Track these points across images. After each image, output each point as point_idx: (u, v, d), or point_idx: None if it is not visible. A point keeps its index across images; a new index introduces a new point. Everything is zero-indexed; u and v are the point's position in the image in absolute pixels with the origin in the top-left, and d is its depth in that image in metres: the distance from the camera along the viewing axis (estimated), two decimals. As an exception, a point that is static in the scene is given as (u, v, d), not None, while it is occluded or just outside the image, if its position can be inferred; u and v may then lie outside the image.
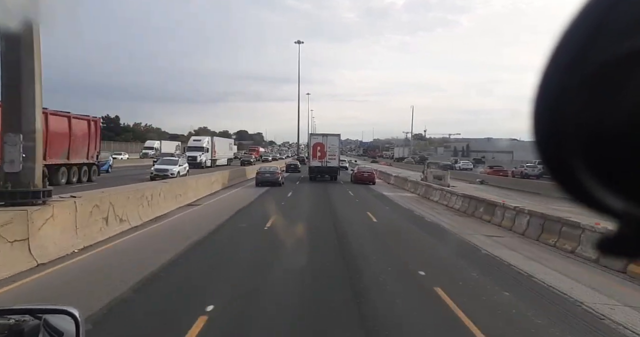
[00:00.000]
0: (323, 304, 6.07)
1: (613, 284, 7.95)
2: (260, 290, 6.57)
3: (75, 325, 1.49)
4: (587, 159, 0.43)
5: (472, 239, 11.74)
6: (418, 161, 79.92)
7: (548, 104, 0.43)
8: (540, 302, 6.69)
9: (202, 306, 5.56)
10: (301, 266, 7.79)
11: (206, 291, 6.42)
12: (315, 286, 7.02)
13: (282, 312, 5.77)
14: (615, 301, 6.84)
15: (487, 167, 51.17)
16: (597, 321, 5.94)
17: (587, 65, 0.40)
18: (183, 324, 5.04)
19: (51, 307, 1.60)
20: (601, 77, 0.40)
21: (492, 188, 32.38)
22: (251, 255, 8.99)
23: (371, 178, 31.76)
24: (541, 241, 11.59)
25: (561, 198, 0.47)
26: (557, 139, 0.44)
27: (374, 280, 7.37)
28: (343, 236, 11.51)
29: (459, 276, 7.89)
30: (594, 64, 0.40)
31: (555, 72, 0.42)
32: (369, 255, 9.31)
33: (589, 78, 0.40)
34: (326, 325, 5.34)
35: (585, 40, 0.41)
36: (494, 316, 5.92)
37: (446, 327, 5.51)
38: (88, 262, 7.93)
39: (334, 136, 33.61)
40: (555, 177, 0.45)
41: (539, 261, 9.46)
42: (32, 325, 1.50)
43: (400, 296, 6.64)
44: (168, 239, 10.23)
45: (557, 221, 11.32)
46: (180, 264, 7.93)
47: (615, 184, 0.42)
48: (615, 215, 0.44)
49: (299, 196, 22.02)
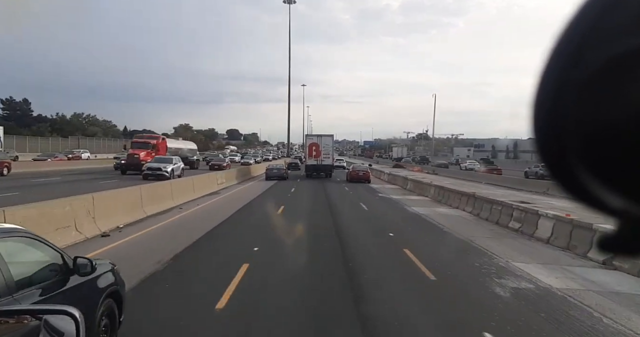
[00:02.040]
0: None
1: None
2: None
3: (75, 325, 1.55)
4: (586, 158, 0.43)
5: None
6: (419, 161, 79.64)
7: (547, 102, 0.44)
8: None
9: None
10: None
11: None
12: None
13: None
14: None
15: (482, 167, 53.85)
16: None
17: (585, 64, 0.41)
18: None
19: (51, 308, 1.68)
20: (599, 76, 0.41)
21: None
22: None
23: (366, 177, 33.93)
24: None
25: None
26: (556, 138, 0.45)
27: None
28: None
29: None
30: (591, 63, 0.41)
31: (554, 71, 0.44)
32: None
33: (587, 77, 0.41)
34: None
35: (583, 39, 0.42)
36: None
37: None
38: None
39: (327, 136, 38.03)
40: (555, 176, 0.46)
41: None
42: (32, 325, 1.55)
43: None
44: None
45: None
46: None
47: (614, 183, 0.43)
48: (615, 213, 0.45)
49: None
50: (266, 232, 11.72)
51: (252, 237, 10.96)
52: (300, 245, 10.15)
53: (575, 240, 10.16)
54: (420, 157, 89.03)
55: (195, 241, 10.26)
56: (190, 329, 5.20)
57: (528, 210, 13.06)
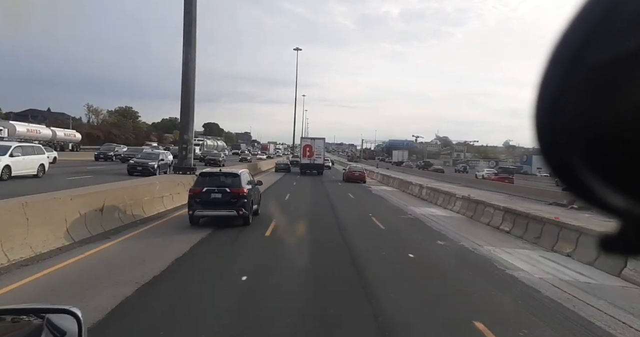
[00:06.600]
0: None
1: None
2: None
3: (77, 324, 1.57)
4: (588, 158, 0.44)
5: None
6: (422, 166, 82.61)
7: (548, 104, 0.45)
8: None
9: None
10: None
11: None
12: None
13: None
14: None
15: (492, 174, 54.48)
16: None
17: (585, 66, 0.42)
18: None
19: (53, 307, 1.67)
20: (600, 78, 0.42)
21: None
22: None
23: (361, 177, 37.21)
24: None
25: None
26: (558, 139, 0.46)
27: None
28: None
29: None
30: (592, 65, 0.42)
31: (555, 73, 0.45)
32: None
33: (588, 79, 0.42)
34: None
35: (583, 42, 0.43)
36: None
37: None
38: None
39: (320, 139, 45.73)
40: (558, 177, 0.48)
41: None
42: (35, 324, 1.55)
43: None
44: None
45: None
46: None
47: (617, 183, 0.44)
48: (617, 213, 0.46)
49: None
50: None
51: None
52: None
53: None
54: (424, 163, 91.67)
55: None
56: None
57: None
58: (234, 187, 12.18)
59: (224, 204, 12.05)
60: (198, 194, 12.07)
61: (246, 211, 12.25)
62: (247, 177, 13.51)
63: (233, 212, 12.05)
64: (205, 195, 12.05)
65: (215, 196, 12.06)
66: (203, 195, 12.04)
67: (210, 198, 12.03)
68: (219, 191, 12.11)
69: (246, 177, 13.39)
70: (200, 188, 12.18)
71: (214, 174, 13.00)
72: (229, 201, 12.04)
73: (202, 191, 12.08)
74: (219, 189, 12.16)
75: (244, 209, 12.15)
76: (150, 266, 7.71)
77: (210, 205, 12.06)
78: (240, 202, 12.11)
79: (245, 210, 12.20)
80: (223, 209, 12.09)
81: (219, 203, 12.03)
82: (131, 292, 6.28)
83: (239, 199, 12.11)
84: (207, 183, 12.41)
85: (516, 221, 14.28)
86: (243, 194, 12.22)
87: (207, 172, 13.39)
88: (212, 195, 12.05)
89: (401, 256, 9.98)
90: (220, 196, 12.06)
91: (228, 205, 12.05)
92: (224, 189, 12.13)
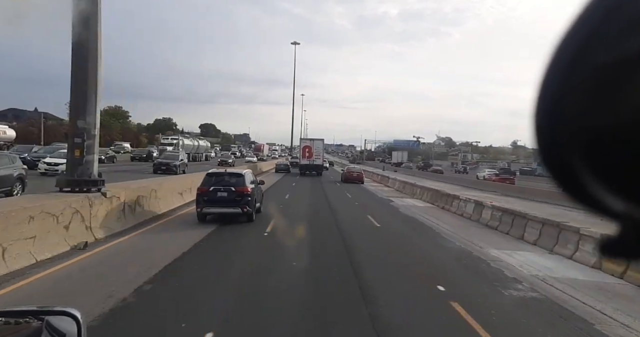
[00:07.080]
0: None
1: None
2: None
3: (77, 326, 1.57)
4: (588, 161, 0.44)
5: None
6: (422, 167, 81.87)
7: (549, 105, 0.45)
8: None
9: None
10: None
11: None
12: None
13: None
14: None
15: (493, 175, 52.95)
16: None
17: (586, 67, 0.42)
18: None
19: (53, 309, 1.68)
20: (601, 78, 0.41)
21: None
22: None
23: (360, 178, 37.61)
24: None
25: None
26: (559, 139, 0.45)
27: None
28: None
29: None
30: (593, 65, 0.42)
31: (556, 73, 0.44)
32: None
33: (588, 80, 0.42)
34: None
35: (584, 42, 0.43)
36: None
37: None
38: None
39: (319, 140, 46.99)
40: (557, 179, 0.47)
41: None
42: (34, 327, 1.55)
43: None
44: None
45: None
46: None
47: (616, 186, 0.44)
48: (616, 216, 0.46)
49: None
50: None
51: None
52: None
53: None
54: (424, 163, 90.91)
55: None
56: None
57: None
58: (239, 186, 13.18)
59: (229, 202, 13.01)
60: (205, 193, 13.06)
61: (250, 208, 13.24)
62: (250, 177, 14.51)
63: (238, 210, 13.04)
64: (212, 193, 13.04)
65: (222, 194, 13.05)
66: (210, 193, 13.04)
67: (217, 196, 13.02)
68: (224, 190, 13.09)
69: (250, 177, 14.39)
70: (207, 187, 13.18)
71: (220, 174, 14.02)
72: (234, 199, 13.02)
73: (209, 190, 13.08)
74: (224, 188, 13.12)
75: (247, 206, 13.14)
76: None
77: (217, 203, 13.03)
78: (245, 200, 13.11)
79: (249, 208, 13.18)
80: (228, 207, 13.06)
81: (225, 201, 13.00)
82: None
83: (243, 198, 13.11)
84: (213, 182, 13.42)
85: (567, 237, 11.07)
86: (247, 192, 13.23)
87: (213, 173, 14.34)
88: (219, 193, 13.05)
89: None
90: (226, 195, 13.04)
91: (233, 203, 13.02)
92: (229, 188, 13.09)
